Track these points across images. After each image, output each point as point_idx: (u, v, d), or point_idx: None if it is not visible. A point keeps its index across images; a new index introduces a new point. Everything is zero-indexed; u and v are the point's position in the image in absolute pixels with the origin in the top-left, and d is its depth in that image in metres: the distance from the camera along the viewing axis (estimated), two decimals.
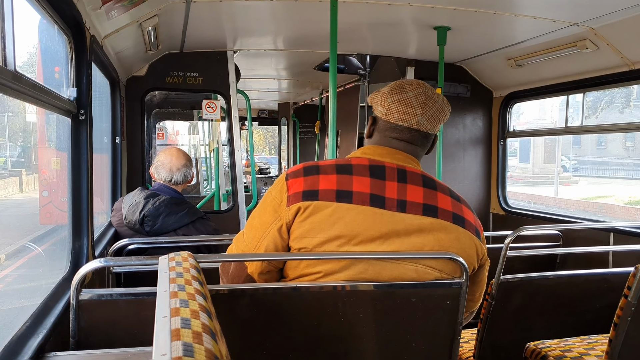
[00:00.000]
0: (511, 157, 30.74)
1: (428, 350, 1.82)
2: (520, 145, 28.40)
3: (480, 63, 4.77)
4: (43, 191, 4.79)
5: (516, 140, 18.60)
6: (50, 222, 4.86)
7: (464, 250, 1.75)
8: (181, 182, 3.31)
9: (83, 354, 1.66)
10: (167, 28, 3.67)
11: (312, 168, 1.76)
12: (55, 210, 4.79)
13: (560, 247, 3.86)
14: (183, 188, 3.37)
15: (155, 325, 0.94)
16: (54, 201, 4.80)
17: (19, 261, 5.01)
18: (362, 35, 4.16)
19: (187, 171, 3.34)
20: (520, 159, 29.05)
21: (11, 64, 1.59)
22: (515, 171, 27.68)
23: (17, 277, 4.88)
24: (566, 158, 29.33)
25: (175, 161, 3.30)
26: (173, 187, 3.29)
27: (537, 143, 27.29)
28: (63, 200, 4.88)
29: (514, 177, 27.10)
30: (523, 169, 28.53)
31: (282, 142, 10.86)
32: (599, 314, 2.76)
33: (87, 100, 2.44)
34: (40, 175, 4.89)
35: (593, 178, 27.00)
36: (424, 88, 1.84)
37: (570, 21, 3.36)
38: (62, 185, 4.90)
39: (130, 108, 4.50)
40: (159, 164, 3.31)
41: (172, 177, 3.28)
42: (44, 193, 4.78)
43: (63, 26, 2.31)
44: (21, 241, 5.44)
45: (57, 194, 4.78)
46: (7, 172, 8.12)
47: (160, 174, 3.29)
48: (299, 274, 1.73)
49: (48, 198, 4.78)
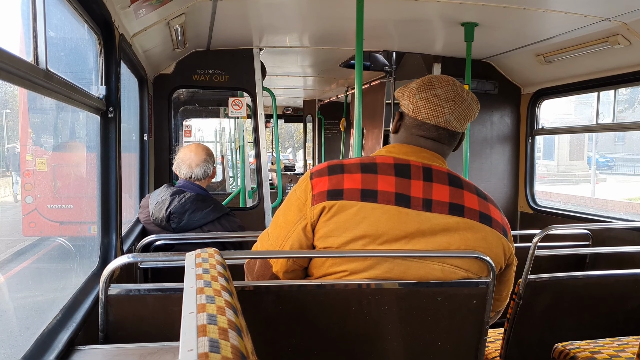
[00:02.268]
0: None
1: (454, 349, 1.80)
2: (544, 142, 27.19)
3: (508, 59, 4.70)
4: (26, 197, 4.29)
5: (540, 137, 17.85)
6: (35, 233, 4.26)
7: (491, 249, 1.72)
8: (201, 177, 3.30)
9: (111, 348, 1.69)
10: (194, 26, 3.70)
11: (337, 167, 1.75)
12: (41, 219, 4.24)
13: (589, 247, 3.78)
14: (207, 183, 3.37)
15: (182, 320, 0.95)
16: (40, 208, 4.28)
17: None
18: (388, 31, 4.13)
19: (207, 166, 3.31)
20: (544, 156, 27.94)
21: (43, 62, 1.62)
22: (539, 168, 26.73)
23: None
24: (597, 155, 27.82)
25: (194, 157, 3.29)
26: (197, 183, 3.30)
27: (562, 139, 26.32)
28: (51, 207, 4.24)
29: (537, 175, 25.94)
30: (547, 167, 27.47)
31: (307, 140, 10.88)
32: (630, 315, 2.70)
33: (116, 98, 2.48)
34: (22, 178, 4.33)
35: (620, 175, 25.84)
36: (453, 85, 1.81)
37: (601, 16, 3.28)
38: (49, 190, 4.34)
39: (158, 105, 4.55)
40: (179, 160, 3.32)
41: (191, 173, 3.27)
42: (27, 199, 4.29)
43: (93, 25, 2.35)
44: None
45: (42, 200, 4.25)
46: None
47: (181, 170, 3.29)
48: (323, 273, 1.73)
49: (32, 205, 4.29)
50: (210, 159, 3.36)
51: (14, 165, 4.36)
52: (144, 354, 1.60)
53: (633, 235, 3.71)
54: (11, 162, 4.40)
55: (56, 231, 4.30)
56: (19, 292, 3.17)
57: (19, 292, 3.19)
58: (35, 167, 4.29)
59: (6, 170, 4.44)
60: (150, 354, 1.60)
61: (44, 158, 4.21)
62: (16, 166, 4.42)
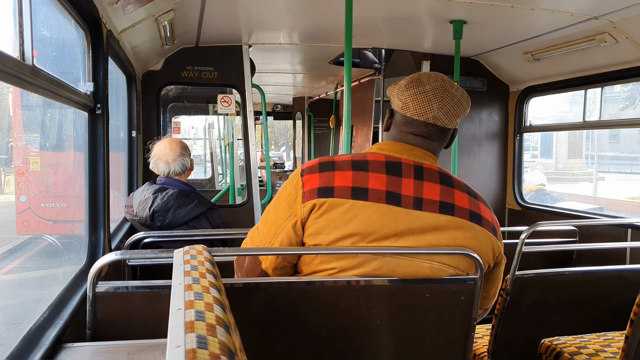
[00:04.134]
0: (532, 151, 29.17)
1: (442, 345, 1.81)
2: (541, 140, 26.84)
3: (496, 57, 4.72)
4: (20, 196, 4.35)
5: (536, 134, 16.76)
6: (28, 231, 4.37)
7: (481, 248, 1.73)
8: (180, 171, 3.26)
9: (99, 345, 1.68)
10: (183, 22, 3.68)
11: (328, 164, 1.74)
12: (35, 217, 4.32)
13: (576, 243, 3.82)
14: (188, 177, 3.34)
15: (170, 317, 0.95)
16: (33, 207, 4.35)
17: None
18: (377, 29, 4.14)
19: (185, 159, 3.27)
20: (541, 154, 27.41)
21: (29, 58, 1.60)
22: (536, 167, 25.26)
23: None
24: (592, 152, 26.35)
25: (169, 152, 3.25)
26: (178, 179, 3.26)
27: (560, 137, 25.50)
28: (45, 206, 4.30)
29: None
30: (545, 165, 26.58)
31: (296, 137, 10.88)
32: (615, 310, 2.73)
33: (103, 95, 2.46)
34: (16, 177, 4.40)
35: (615, 174, 25.00)
36: (442, 81, 1.81)
37: (588, 14, 3.31)
38: (42, 189, 4.39)
39: (146, 102, 4.53)
40: (155, 158, 3.27)
41: (169, 169, 3.24)
42: (21, 198, 4.35)
43: (80, 21, 2.33)
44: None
45: (36, 199, 4.31)
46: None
47: (159, 167, 3.26)
48: (312, 270, 1.73)
49: (26, 204, 4.37)
50: (185, 151, 3.31)
51: (7, 164, 4.34)
52: (132, 351, 1.59)
53: (619, 232, 3.75)
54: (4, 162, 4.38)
55: (49, 230, 4.30)
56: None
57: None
58: (29, 167, 4.30)
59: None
60: (139, 351, 1.60)
61: (37, 158, 4.21)
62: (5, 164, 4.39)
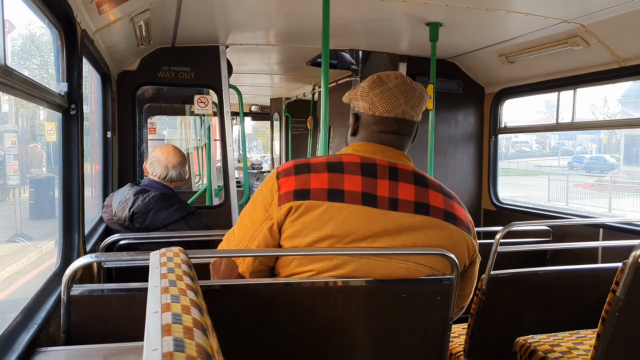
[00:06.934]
0: (612, 153, 23.39)
1: (419, 345, 1.83)
2: (624, 142, 21.84)
3: (472, 59, 4.78)
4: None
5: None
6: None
7: (456, 247, 1.75)
8: (176, 179, 3.32)
9: (74, 349, 1.66)
10: (159, 22, 3.65)
11: (303, 166, 1.75)
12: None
13: (550, 243, 3.88)
14: (175, 185, 3.37)
15: (146, 320, 0.94)
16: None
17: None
18: (354, 30, 4.15)
19: (182, 169, 3.35)
20: (625, 161, 22.09)
21: (1, 58, 1.58)
22: (617, 175, 20.58)
23: None
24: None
25: (171, 158, 3.30)
26: (165, 184, 3.28)
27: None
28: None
29: (619, 184, 19.43)
30: (630, 174, 21.74)
31: (274, 138, 10.85)
32: (588, 309, 2.79)
33: (78, 95, 2.43)
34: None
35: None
36: (402, 78, 1.85)
37: (561, 18, 3.37)
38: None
39: (122, 103, 4.47)
40: (154, 160, 3.30)
41: (167, 174, 3.28)
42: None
43: (54, 20, 2.30)
44: None
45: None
46: None
47: (155, 170, 3.28)
48: (290, 273, 1.73)
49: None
50: (185, 162, 3.39)
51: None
52: (108, 355, 1.58)
53: (591, 232, 3.82)
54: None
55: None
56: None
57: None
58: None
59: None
60: (114, 354, 1.58)
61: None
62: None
